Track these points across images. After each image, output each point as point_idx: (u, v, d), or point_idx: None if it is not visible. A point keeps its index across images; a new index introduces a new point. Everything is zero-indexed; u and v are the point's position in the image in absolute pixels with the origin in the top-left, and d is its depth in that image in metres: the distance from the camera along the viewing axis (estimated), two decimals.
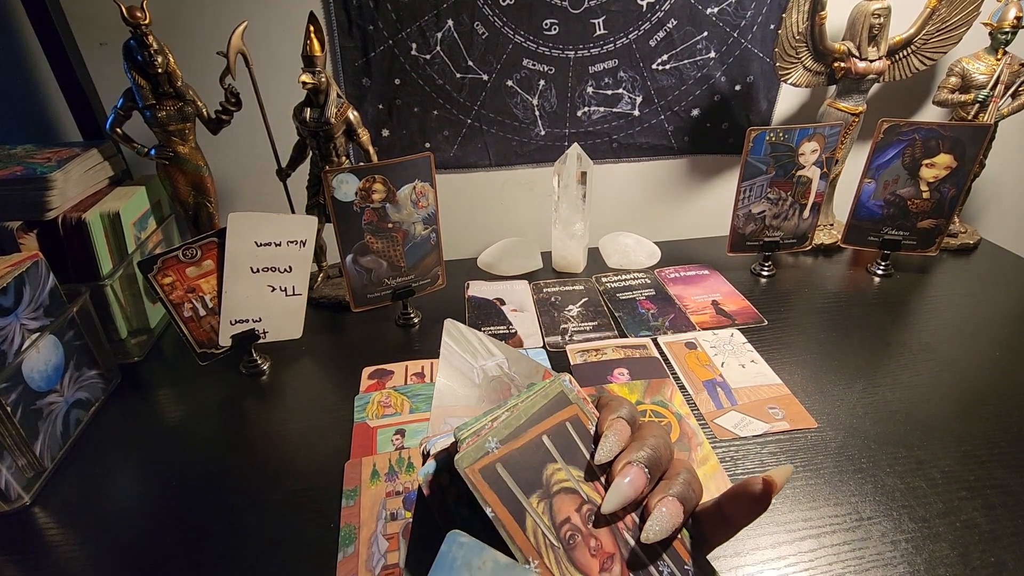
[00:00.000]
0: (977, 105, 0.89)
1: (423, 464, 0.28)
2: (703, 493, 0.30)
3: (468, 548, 0.24)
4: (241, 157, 0.89)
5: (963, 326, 0.77)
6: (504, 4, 0.84)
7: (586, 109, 0.95)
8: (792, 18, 0.83)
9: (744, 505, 0.28)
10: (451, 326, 0.34)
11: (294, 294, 0.71)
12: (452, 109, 0.91)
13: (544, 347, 0.75)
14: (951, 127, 0.81)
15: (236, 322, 0.69)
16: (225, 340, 0.69)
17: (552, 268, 0.95)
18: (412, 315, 0.81)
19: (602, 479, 0.29)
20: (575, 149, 0.84)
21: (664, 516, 0.27)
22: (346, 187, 0.69)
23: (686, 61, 0.93)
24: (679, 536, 0.29)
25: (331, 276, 0.89)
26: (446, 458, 0.27)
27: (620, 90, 0.94)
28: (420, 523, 0.30)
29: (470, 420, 0.28)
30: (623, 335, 0.77)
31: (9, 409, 0.53)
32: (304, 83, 0.70)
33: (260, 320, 0.70)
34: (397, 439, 0.60)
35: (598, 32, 0.88)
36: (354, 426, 0.62)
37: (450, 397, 0.32)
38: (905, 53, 0.88)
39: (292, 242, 0.69)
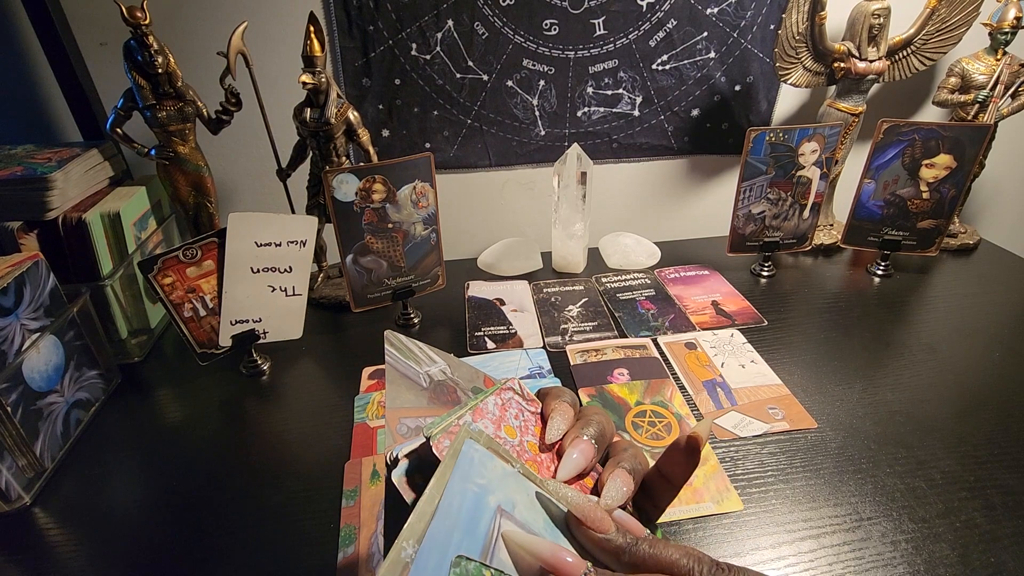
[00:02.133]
0: (977, 105, 0.89)
1: (392, 469, 0.29)
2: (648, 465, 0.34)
3: (482, 454, 0.27)
4: (241, 157, 0.89)
5: (963, 326, 0.77)
6: (504, 4, 0.84)
7: (586, 109, 0.95)
8: (792, 18, 0.83)
9: (678, 462, 0.31)
10: (392, 336, 0.35)
11: (294, 294, 0.71)
12: (452, 109, 0.91)
13: (544, 347, 0.75)
14: (951, 127, 0.81)
15: (236, 322, 0.69)
16: (225, 340, 0.69)
17: (552, 268, 0.95)
18: (412, 315, 0.81)
19: (552, 466, 0.32)
20: (575, 149, 0.84)
21: (617, 485, 0.30)
22: (346, 187, 0.69)
23: (686, 61, 0.93)
24: (627, 509, 0.32)
25: (331, 276, 0.89)
26: (417, 459, 0.29)
27: (620, 90, 0.94)
28: (395, 524, 0.30)
29: (436, 420, 0.29)
30: (623, 335, 0.77)
31: (9, 409, 0.53)
32: (304, 83, 0.70)
33: (260, 320, 0.70)
34: None
35: (598, 32, 0.88)
36: (354, 426, 0.62)
37: (400, 400, 0.33)
38: (905, 53, 0.88)
39: (292, 242, 0.69)
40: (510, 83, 0.90)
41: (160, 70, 0.69)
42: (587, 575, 0.25)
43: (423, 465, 0.28)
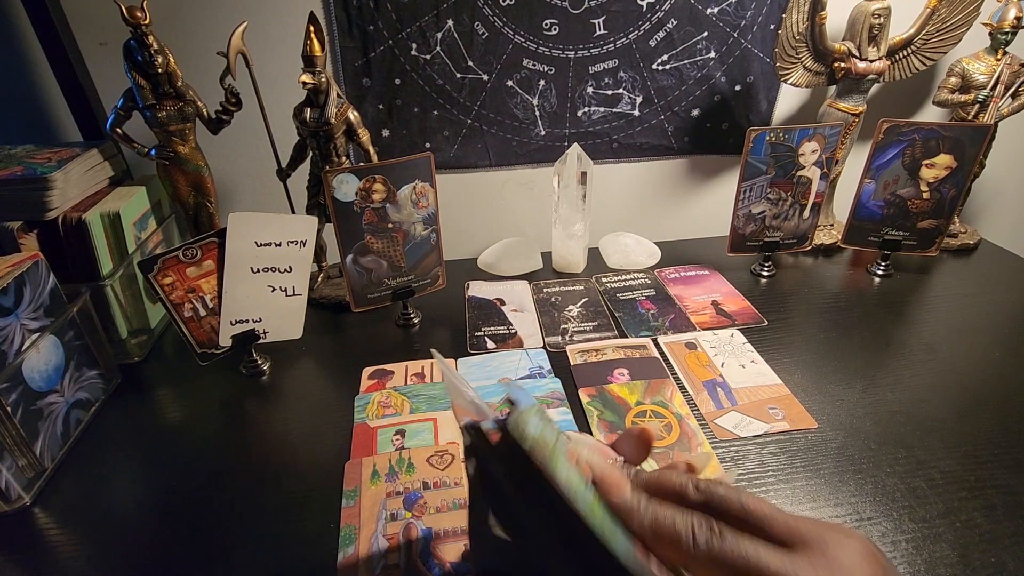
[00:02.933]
0: (977, 105, 0.89)
1: (467, 440, 0.33)
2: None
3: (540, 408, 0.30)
4: (241, 157, 0.89)
5: (963, 326, 0.77)
6: (504, 4, 0.84)
7: (586, 109, 0.95)
8: (792, 18, 0.83)
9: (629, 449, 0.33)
10: (437, 355, 0.38)
11: (294, 294, 0.71)
12: (452, 109, 0.91)
13: (544, 347, 0.75)
14: (951, 127, 0.81)
15: (236, 322, 0.69)
16: (225, 340, 0.69)
17: (552, 268, 0.95)
18: (412, 315, 0.81)
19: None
20: (575, 149, 0.84)
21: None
22: (346, 187, 0.69)
23: (686, 61, 0.93)
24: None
25: (331, 276, 0.89)
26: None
27: (620, 90, 0.94)
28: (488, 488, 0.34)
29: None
30: (623, 335, 0.77)
31: (9, 409, 0.53)
32: (304, 83, 0.70)
33: (260, 320, 0.70)
34: (397, 439, 0.60)
35: (598, 32, 0.88)
36: (354, 426, 0.62)
37: (461, 400, 0.36)
38: (905, 53, 0.88)
39: (292, 242, 0.69)
40: (510, 83, 0.90)
41: (160, 70, 0.69)
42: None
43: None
